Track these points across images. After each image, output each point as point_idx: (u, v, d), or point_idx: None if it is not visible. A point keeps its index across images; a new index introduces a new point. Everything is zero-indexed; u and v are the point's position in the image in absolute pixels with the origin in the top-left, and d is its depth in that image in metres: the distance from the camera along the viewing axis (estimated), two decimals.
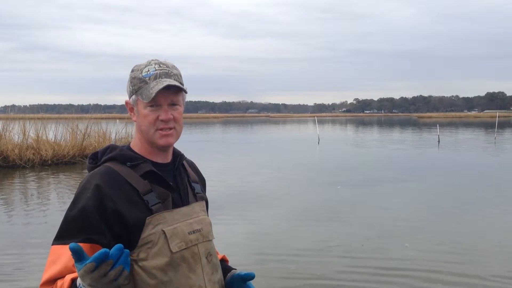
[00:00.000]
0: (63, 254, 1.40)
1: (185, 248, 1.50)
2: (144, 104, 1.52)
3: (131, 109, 1.59)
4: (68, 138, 17.35)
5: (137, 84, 1.53)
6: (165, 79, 1.50)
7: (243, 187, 11.16)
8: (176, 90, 1.53)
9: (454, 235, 6.83)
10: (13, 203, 9.67)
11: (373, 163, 16.75)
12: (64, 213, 1.50)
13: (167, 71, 1.53)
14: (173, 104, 1.54)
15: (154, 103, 1.50)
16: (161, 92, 1.48)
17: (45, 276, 1.42)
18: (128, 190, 1.47)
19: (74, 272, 1.37)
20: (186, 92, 1.58)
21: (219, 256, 1.77)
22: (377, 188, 11.01)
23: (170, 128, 1.54)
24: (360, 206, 9.03)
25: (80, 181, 1.57)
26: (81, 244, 1.38)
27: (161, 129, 1.53)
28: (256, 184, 11.71)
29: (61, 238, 1.44)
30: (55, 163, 15.91)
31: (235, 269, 1.73)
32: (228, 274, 1.70)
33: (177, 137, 1.59)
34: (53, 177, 13.45)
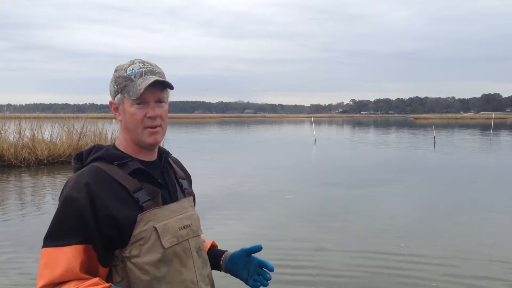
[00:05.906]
0: (60, 257, 1.37)
1: (176, 244, 1.52)
2: (131, 102, 1.51)
3: (116, 109, 1.58)
4: (64, 137, 17.30)
5: (123, 82, 1.52)
6: (151, 76, 1.51)
7: (239, 187, 11.16)
8: (162, 87, 1.54)
9: (449, 236, 6.87)
10: (8, 203, 9.64)
11: (369, 164, 16.79)
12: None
13: (151, 69, 1.54)
14: (159, 101, 1.54)
15: (141, 100, 1.50)
16: (148, 89, 1.48)
17: (43, 280, 1.37)
18: (117, 189, 1.47)
19: (78, 274, 1.37)
20: (172, 89, 1.58)
21: (209, 243, 1.82)
22: (373, 189, 11.04)
23: (157, 126, 1.54)
24: (356, 207, 9.05)
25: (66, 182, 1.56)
26: (76, 246, 1.38)
27: (149, 127, 1.53)
28: (252, 185, 11.71)
29: (54, 239, 1.40)
30: (51, 162, 15.86)
31: (227, 250, 1.79)
32: (223, 256, 1.76)
33: (163, 135, 1.60)
34: (49, 177, 13.42)
